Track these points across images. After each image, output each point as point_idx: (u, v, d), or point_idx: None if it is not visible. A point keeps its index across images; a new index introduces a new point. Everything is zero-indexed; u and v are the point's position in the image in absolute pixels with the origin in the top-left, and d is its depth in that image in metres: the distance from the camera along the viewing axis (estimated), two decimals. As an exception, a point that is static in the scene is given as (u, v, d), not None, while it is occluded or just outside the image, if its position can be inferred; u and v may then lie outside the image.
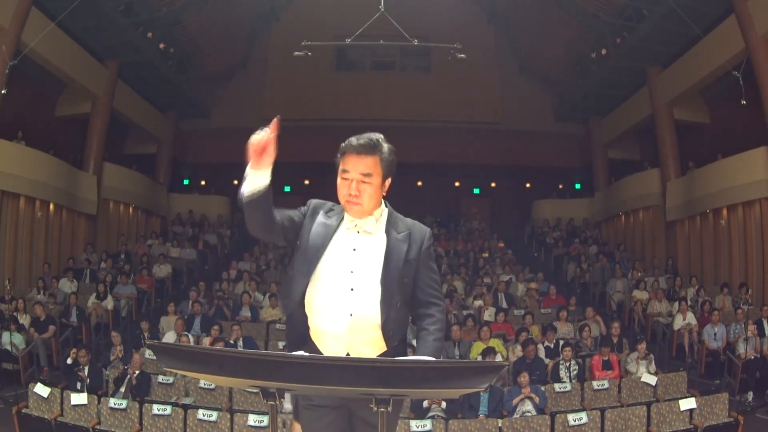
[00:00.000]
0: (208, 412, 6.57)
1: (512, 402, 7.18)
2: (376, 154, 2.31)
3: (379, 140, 2.33)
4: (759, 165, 11.25)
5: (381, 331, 2.31)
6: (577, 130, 18.77)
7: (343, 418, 2.41)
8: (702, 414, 6.72)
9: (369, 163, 2.30)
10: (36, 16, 11.16)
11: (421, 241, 2.41)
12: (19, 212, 11.86)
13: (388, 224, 2.40)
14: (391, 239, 2.36)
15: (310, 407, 2.38)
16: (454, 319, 9.73)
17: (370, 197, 2.32)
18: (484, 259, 14.82)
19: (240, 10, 15.32)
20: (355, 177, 2.30)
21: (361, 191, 2.30)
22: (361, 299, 2.30)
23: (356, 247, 2.35)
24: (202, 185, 19.82)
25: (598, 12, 13.14)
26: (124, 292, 11.59)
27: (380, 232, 2.38)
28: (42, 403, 6.77)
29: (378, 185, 2.33)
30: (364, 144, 2.29)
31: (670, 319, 10.43)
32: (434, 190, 19.06)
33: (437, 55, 16.62)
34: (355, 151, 2.30)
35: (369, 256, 2.34)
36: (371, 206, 2.35)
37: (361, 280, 2.31)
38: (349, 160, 2.31)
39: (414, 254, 2.38)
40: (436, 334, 2.38)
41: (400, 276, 2.33)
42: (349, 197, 2.31)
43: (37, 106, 13.85)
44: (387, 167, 2.33)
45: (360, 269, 2.32)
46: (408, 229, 2.41)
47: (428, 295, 2.42)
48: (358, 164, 2.29)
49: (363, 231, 2.37)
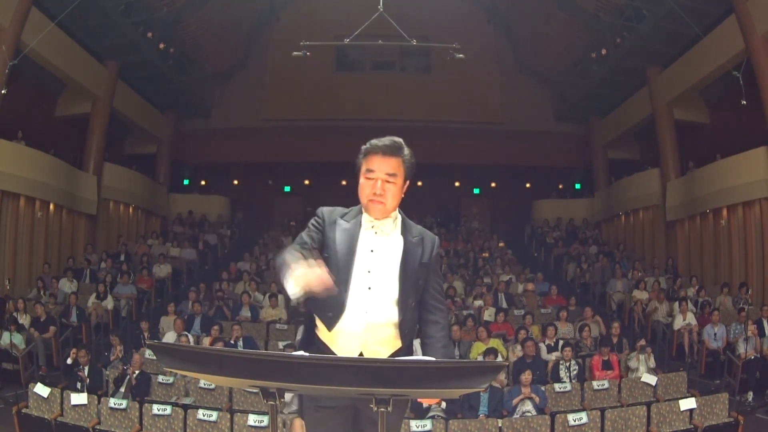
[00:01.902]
0: (208, 412, 6.57)
1: (512, 402, 7.19)
2: (400, 156, 2.37)
3: (402, 143, 2.39)
4: (759, 165, 11.25)
5: (397, 329, 2.35)
6: (577, 130, 18.77)
7: (349, 420, 2.43)
8: (702, 414, 6.71)
9: (394, 163, 2.35)
10: (36, 16, 11.15)
11: (432, 246, 2.47)
12: (19, 212, 11.86)
13: (403, 227, 2.46)
14: (408, 242, 2.42)
15: (317, 409, 2.39)
16: (454, 319, 9.73)
17: (393, 197, 2.37)
18: (484, 259, 14.82)
19: (240, 10, 15.31)
20: (380, 176, 2.34)
21: (386, 190, 2.34)
22: (377, 298, 2.34)
23: (374, 248, 2.39)
24: (202, 185, 19.83)
25: (598, 12, 13.15)
26: (124, 292, 11.59)
27: (396, 234, 2.43)
28: (42, 403, 6.77)
29: (400, 186, 2.39)
30: (389, 145, 2.35)
31: (670, 319, 10.44)
32: (434, 190, 19.04)
33: (437, 55, 16.62)
34: (381, 151, 2.35)
35: (386, 256, 2.38)
36: (393, 206, 2.40)
37: (378, 280, 2.35)
38: (374, 160, 2.35)
39: (427, 258, 2.44)
40: (444, 341, 2.44)
41: (416, 277, 2.40)
42: (374, 196, 2.35)
43: (37, 106, 13.86)
44: (409, 169, 2.40)
45: (377, 269, 2.37)
46: (420, 234, 2.48)
47: (435, 299, 2.48)
48: (384, 164, 2.34)
49: (380, 232, 2.41)
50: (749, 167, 11.53)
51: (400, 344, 2.38)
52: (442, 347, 2.42)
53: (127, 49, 13.71)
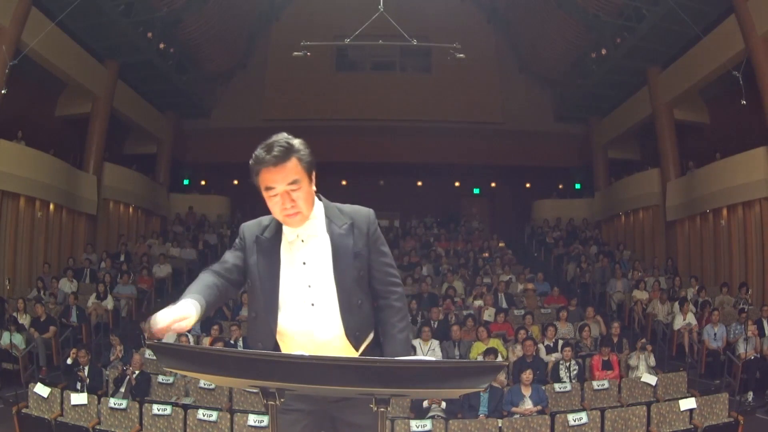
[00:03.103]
0: (208, 412, 6.57)
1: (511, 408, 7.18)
2: (293, 157, 2.11)
3: (289, 142, 2.13)
4: (759, 165, 11.25)
5: (346, 340, 2.22)
6: (577, 130, 18.77)
7: (319, 423, 2.31)
8: (702, 414, 6.71)
9: (290, 169, 2.10)
10: (36, 16, 11.16)
11: (366, 227, 2.26)
12: (19, 212, 11.86)
13: (327, 220, 2.26)
14: (334, 236, 2.23)
15: (285, 411, 2.26)
16: (454, 319, 9.73)
17: (305, 202, 2.15)
18: (484, 259, 14.82)
19: (240, 10, 15.32)
20: (281, 190, 2.11)
21: (296, 200, 2.12)
22: (322, 313, 2.20)
23: (305, 259, 2.22)
24: (202, 185, 19.84)
25: (598, 12, 13.14)
26: (124, 292, 11.59)
27: (322, 232, 2.24)
28: (42, 403, 6.77)
29: (308, 186, 2.16)
30: (277, 154, 2.08)
31: (670, 319, 10.44)
32: (434, 190, 19.07)
33: (437, 55, 16.64)
34: (271, 164, 2.08)
35: (320, 263, 2.22)
36: (310, 209, 2.20)
37: (319, 292, 2.21)
38: (267, 175, 2.09)
39: (362, 244, 2.24)
40: (399, 326, 2.26)
41: (354, 272, 2.22)
42: (286, 211, 2.14)
43: (37, 106, 13.86)
44: (308, 164, 2.15)
45: (316, 281, 2.22)
46: (350, 218, 2.27)
47: (384, 283, 2.29)
48: (279, 176, 2.09)
49: (308, 237, 2.23)
50: (749, 167, 11.53)
51: (356, 349, 2.24)
52: (398, 332, 2.24)
53: (127, 49, 13.71)
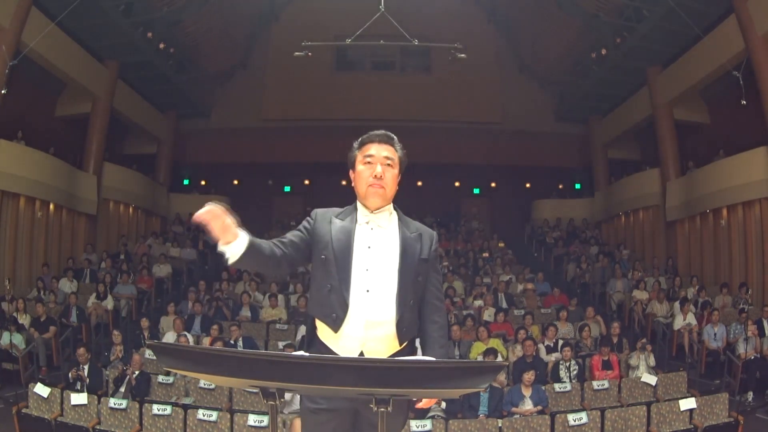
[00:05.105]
0: (208, 412, 6.57)
1: (511, 408, 7.18)
2: (394, 146, 2.45)
3: (395, 137, 2.47)
4: (759, 165, 11.25)
5: (395, 329, 2.32)
6: (577, 130, 18.76)
7: (348, 422, 2.39)
8: (702, 414, 6.71)
9: (390, 150, 2.43)
10: (36, 16, 11.14)
11: (430, 242, 2.45)
12: (19, 212, 11.85)
13: (401, 222, 2.45)
14: (405, 237, 2.40)
15: (315, 411, 2.35)
16: (454, 319, 9.73)
17: (393, 180, 2.41)
18: (484, 259, 14.82)
19: (240, 10, 15.30)
20: (379, 159, 2.39)
21: (385, 172, 2.38)
22: (376, 296, 2.31)
23: (371, 244, 2.37)
24: (202, 185, 19.82)
25: (598, 12, 13.13)
26: (124, 292, 11.60)
27: (393, 228, 2.41)
28: (42, 403, 6.77)
29: (396, 175, 2.44)
30: (385, 134, 2.44)
31: (670, 319, 10.43)
32: (434, 190, 19.04)
33: (437, 55, 16.63)
34: (377, 139, 2.43)
35: (384, 253, 2.36)
36: (391, 193, 2.42)
37: (376, 279, 2.32)
38: (371, 146, 2.42)
39: (426, 254, 2.41)
40: (441, 341, 2.41)
41: (415, 274, 2.37)
42: (374, 179, 2.37)
43: (37, 106, 13.85)
44: (402, 162, 2.46)
45: (375, 267, 2.34)
46: (418, 229, 2.47)
47: (435, 297, 2.46)
48: (381, 149, 2.41)
49: (377, 227, 2.39)
50: (749, 167, 11.52)
51: (399, 342, 2.35)
52: (440, 347, 2.39)
53: (127, 49, 13.69)
